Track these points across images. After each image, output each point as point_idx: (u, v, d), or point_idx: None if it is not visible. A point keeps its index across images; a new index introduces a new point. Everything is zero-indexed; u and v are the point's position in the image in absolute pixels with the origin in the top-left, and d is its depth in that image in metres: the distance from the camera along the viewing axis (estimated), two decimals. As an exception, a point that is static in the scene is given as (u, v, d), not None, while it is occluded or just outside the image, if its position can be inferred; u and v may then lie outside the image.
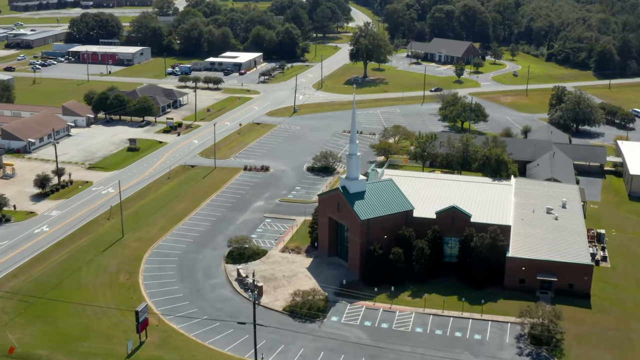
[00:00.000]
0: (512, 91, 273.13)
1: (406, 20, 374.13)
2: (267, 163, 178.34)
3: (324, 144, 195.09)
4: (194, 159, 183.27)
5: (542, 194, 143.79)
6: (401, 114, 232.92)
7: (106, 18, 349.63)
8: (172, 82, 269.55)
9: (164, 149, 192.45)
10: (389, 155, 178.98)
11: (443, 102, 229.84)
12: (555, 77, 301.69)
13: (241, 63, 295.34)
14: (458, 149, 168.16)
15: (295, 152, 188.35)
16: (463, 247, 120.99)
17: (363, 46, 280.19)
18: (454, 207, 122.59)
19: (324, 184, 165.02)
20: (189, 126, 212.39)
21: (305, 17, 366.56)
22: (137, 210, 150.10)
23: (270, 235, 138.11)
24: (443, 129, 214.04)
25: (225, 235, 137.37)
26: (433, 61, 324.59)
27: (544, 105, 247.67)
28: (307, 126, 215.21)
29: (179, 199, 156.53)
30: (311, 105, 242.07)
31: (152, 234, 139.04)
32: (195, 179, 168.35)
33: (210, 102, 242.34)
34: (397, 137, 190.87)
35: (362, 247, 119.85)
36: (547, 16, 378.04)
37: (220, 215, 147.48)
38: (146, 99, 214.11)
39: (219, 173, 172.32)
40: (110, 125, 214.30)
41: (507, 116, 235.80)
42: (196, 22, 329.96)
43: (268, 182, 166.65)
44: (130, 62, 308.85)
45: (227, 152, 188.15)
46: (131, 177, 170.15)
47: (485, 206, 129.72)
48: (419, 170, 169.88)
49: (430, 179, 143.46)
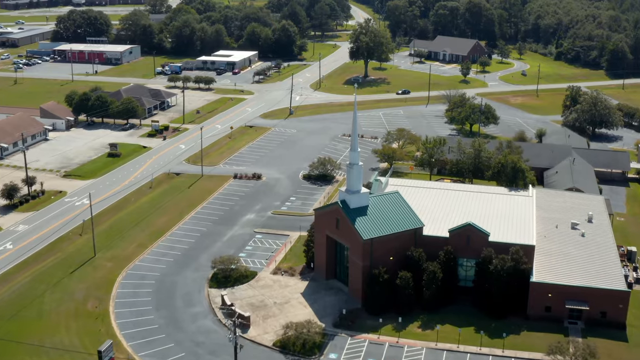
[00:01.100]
0: (521, 91, 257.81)
1: (408, 18, 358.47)
2: (259, 170, 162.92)
3: (322, 149, 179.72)
4: (179, 165, 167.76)
5: (565, 206, 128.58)
6: (405, 115, 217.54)
7: (94, 15, 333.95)
8: (162, 82, 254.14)
9: (147, 154, 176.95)
10: (393, 161, 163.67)
11: (450, 104, 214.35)
12: (566, 77, 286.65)
13: (235, 62, 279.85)
14: (469, 155, 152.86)
15: (290, 158, 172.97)
16: (480, 270, 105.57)
17: (364, 44, 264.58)
18: (470, 225, 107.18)
19: (321, 194, 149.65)
20: (176, 129, 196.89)
21: (303, 14, 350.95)
22: (113, 225, 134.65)
23: (260, 254, 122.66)
24: (450, 133, 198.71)
25: (211, 253, 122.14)
26: (437, 60, 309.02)
27: (557, 107, 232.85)
28: (303, 129, 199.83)
29: (161, 211, 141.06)
30: (308, 106, 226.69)
31: (128, 252, 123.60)
32: (180, 189, 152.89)
33: (201, 104, 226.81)
34: (402, 141, 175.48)
35: (365, 271, 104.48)
36: (555, 13, 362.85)
37: (205, 231, 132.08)
38: (130, 100, 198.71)
39: (206, 182, 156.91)
40: (92, 129, 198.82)
41: (517, 118, 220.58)
42: (188, 19, 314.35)
43: (260, 191, 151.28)
44: (119, 61, 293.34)
45: (216, 158, 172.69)
46: (109, 186, 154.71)
47: (505, 222, 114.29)
48: (426, 178, 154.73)
49: (440, 190, 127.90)
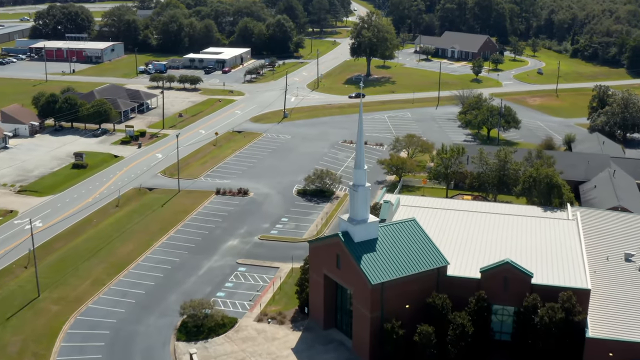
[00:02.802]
0: (539, 91, 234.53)
1: (413, 13, 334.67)
2: (246, 184, 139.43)
3: (320, 159, 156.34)
4: (153, 179, 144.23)
5: (613, 231, 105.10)
6: (413, 119, 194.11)
7: (75, 11, 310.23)
8: (144, 82, 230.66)
9: (118, 164, 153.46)
10: (402, 173, 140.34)
11: (463, 105, 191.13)
12: (586, 76, 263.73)
13: (225, 60, 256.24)
14: (493, 166, 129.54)
15: (283, 170, 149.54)
16: (521, 320, 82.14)
17: (366, 39, 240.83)
18: (508, 263, 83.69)
19: (318, 213, 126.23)
20: (154, 135, 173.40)
21: (300, 9, 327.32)
22: (66, 254, 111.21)
23: (243, 294, 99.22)
24: (465, 138, 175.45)
25: (182, 292, 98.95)
26: (445, 57, 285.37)
27: (580, 109, 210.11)
28: (299, 135, 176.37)
29: (126, 236, 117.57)
30: (305, 108, 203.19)
31: (80, 291, 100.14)
32: (152, 207, 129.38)
33: (184, 106, 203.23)
34: (412, 149, 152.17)
35: (374, 324, 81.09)
36: (569, 8, 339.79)
37: (178, 262, 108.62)
38: (103, 102, 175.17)
39: (184, 198, 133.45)
40: (59, 135, 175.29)
41: (538, 121, 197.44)
42: (176, 14, 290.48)
43: (246, 211, 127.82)
44: (99, 60, 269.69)
45: (196, 170, 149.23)
46: (69, 204, 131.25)
47: (547, 256, 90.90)
48: (441, 194, 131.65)
49: (463, 212, 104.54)
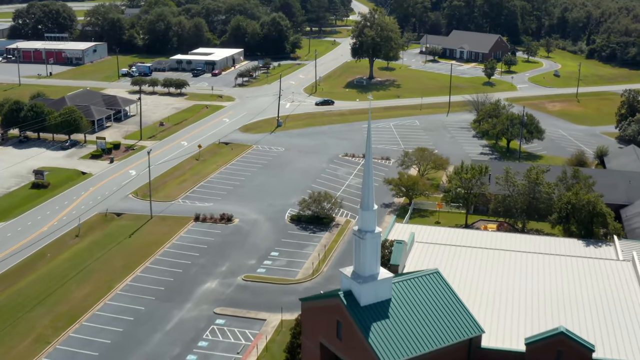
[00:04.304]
0: (558, 96, 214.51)
1: (418, 11, 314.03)
2: (231, 208, 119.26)
3: (317, 176, 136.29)
4: (123, 201, 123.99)
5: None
6: (422, 127, 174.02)
7: (57, 9, 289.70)
8: (126, 86, 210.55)
9: (85, 183, 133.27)
10: (412, 195, 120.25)
11: (479, 112, 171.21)
12: (605, 78, 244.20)
13: (215, 61, 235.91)
14: (521, 188, 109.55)
15: (274, 190, 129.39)
16: (580, 410, 62.20)
17: (369, 39, 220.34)
18: (563, 333, 63.54)
19: (315, 246, 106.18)
20: (129, 148, 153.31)
21: (298, 7, 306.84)
22: (6, 303, 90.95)
23: (219, 358, 79.17)
24: (482, 150, 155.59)
25: (145, 355, 79.26)
26: (453, 58, 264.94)
27: (604, 115, 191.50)
28: (294, 147, 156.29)
29: (83, 276, 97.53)
30: (301, 116, 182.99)
31: (16, 354, 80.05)
32: (117, 238, 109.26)
33: (168, 113, 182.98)
34: (423, 164, 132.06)
35: (386, 417, 60.89)
36: (583, 6, 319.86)
37: (142, 312, 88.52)
38: (72, 110, 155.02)
39: (156, 226, 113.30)
40: (23, 147, 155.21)
41: (560, 129, 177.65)
42: (163, 12, 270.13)
43: (229, 242, 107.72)
44: (80, 62, 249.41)
45: (174, 190, 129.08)
46: (21, 233, 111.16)
47: (607, 316, 70.85)
48: (459, 219, 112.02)
49: (493, 252, 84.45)
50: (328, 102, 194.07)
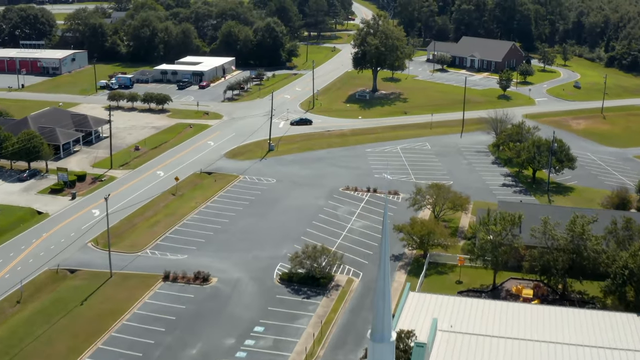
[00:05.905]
0: (581, 111, 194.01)
1: (424, 15, 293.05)
2: (208, 263, 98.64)
3: (313, 217, 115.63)
4: (79, 252, 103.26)
5: None
6: (433, 152, 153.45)
7: (35, 13, 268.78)
8: (103, 101, 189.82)
9: (39, 227, 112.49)
10: (427, 246, 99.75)
11: (498, 135, 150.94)
12: (630, 90, 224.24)
13: (203, 72, 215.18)
14: (562, 242, 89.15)
15: (262, 236, 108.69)
16: None
17: (372, 48, 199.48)
18: None
19: (310, 317, 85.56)
20: (97, 179, 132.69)
21: (294, 10, 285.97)
22: None
23: None
24: (504, 181, 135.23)
25: None
26: (463, 67, 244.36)
27: (635, 135, 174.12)
28: (287, 177, 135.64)
29: (15, 364, 77.09)
30: (296, 137, 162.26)
31: None
32: (67, 306, 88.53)
33: (145, 134, 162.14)
34: (439, 204, 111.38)
35: None
36: (600, 10, 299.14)
37: (82, 421, 68.10)
38: (32, 135, 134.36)
39: (116, 288, 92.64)
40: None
41: (588, 152, 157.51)
42: (148, 16, 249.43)
43: (204, 312, 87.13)
44: (57, 72, 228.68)
45: (142, 236, 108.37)
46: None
47: None
48: (485, 277, 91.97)
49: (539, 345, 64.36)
50: (305, 122, 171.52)
